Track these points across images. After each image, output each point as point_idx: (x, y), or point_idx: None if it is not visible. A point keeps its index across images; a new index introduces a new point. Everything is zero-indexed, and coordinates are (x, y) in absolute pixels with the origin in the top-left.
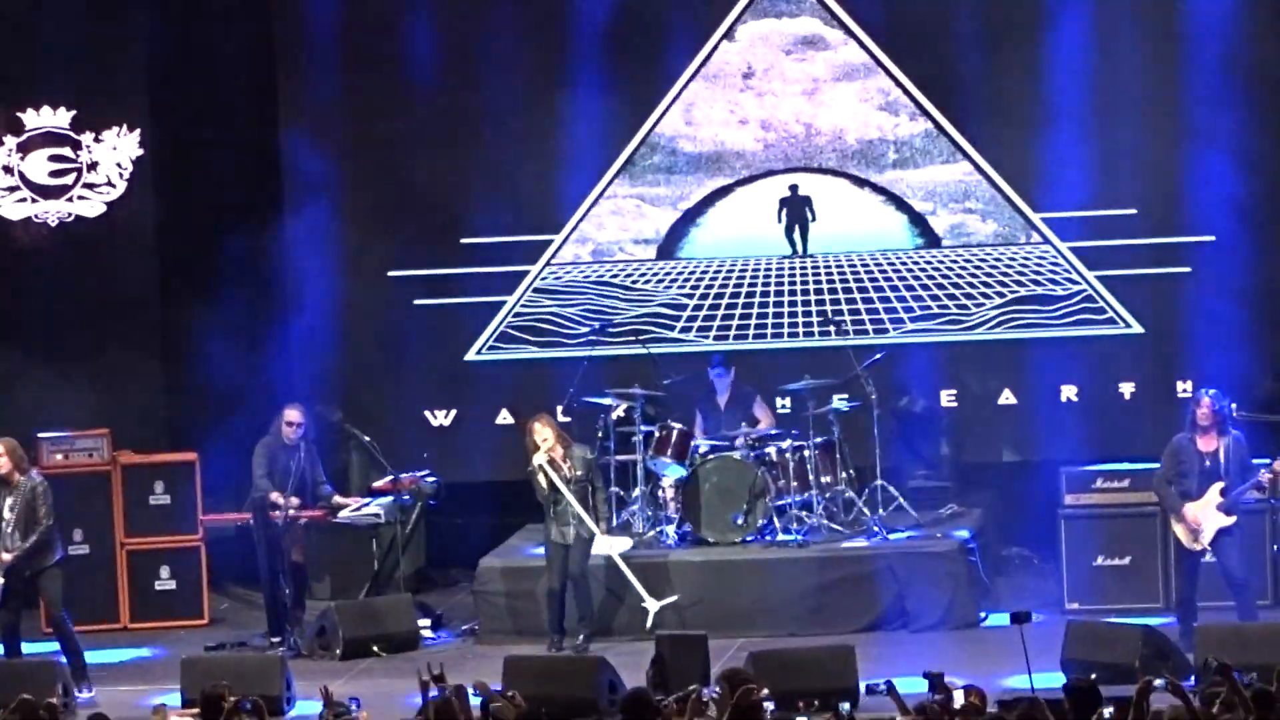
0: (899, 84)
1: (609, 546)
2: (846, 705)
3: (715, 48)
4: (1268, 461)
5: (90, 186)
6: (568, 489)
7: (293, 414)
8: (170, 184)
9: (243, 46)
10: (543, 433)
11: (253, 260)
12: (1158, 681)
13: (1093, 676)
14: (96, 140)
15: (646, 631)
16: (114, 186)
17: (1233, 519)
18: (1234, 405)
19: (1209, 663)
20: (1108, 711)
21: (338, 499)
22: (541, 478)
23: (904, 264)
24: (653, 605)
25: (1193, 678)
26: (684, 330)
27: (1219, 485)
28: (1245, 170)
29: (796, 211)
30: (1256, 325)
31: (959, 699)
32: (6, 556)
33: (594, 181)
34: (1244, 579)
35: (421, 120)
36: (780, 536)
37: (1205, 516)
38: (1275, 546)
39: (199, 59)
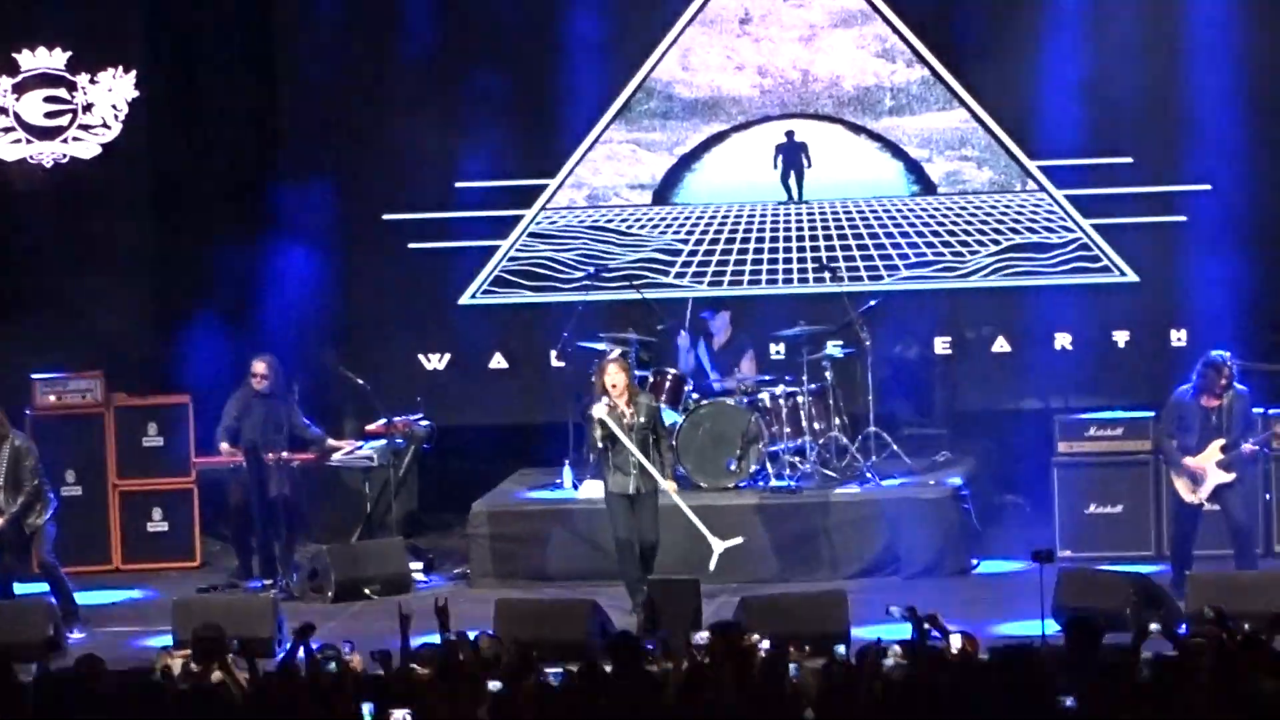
0: (896, 30)
1: (674, 494)
2: (841, 648)
3: None
4: (1262, 411)
5: (85, 128)
6: (628, 437)
7: (258, 365)
8: (166, 126)
9: None
10: (615, 377)
11: (248, 203)
12: (1154, 627)
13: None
14: (92, 82)
15: (710, 574)
16: (109, 128)
17: (1233, 475)
18: (1228, 355)
19: (1205, 611)
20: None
21: (330, 442)
22: (598, 430)
23: (899, 211)
24: (719, 546)
25: (1184, 625)
26: (679, 276)
27: (1219, 442)
28: (1242, 119)
29: (792, 158)
30: (1252, 275)
31: (955, 643)
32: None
33: (590, 126)
34: (1249, 528)
35: (417, 62)
36: (773, 482)
37: (1206, 471)
38: (1269, 495)
39: (196, 2)
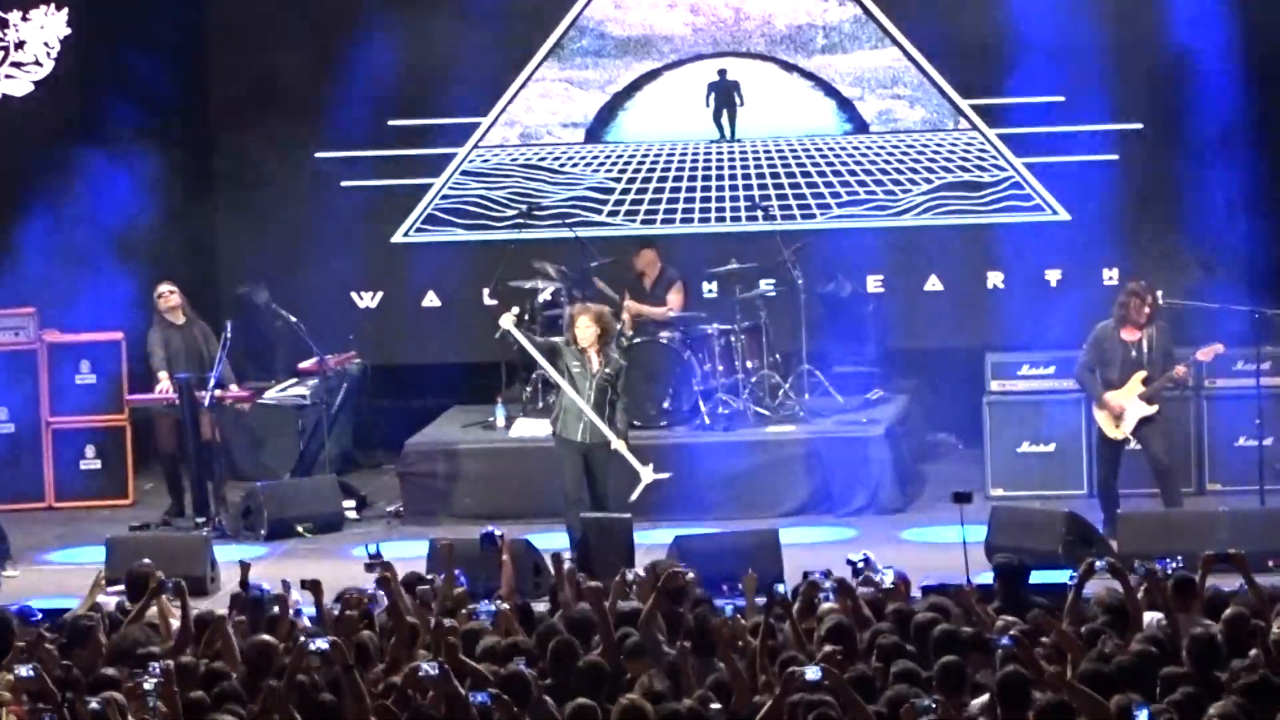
0: None
1: (623, 450)
2: (781, 587)
3: None
4: (1191, 352)
5: (18, 65)
6: (589, 384)
7: (168, 290)
8: (98, 63)
9: None
10: (584, 330)
11: (180, 140)
12: (1099, 564)
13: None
14: (24, 19)
15: (630, 502)
16: (41, 65)
17: (1155, 408)
18: (1159, 293)
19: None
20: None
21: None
22: (511, 338)
23: (832, 150)
24: (646, 476)
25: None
26: (611, 214)
27: (1141, 374)
28: (1173, 59)
29: (725, 96)
30: (1182, 213)
31: (889, 580)
32: None
33: (522, 65)
34: (1168, 465)
35: (351, 1)
36: (705, 421)
37: (1128, 405)
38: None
39: None
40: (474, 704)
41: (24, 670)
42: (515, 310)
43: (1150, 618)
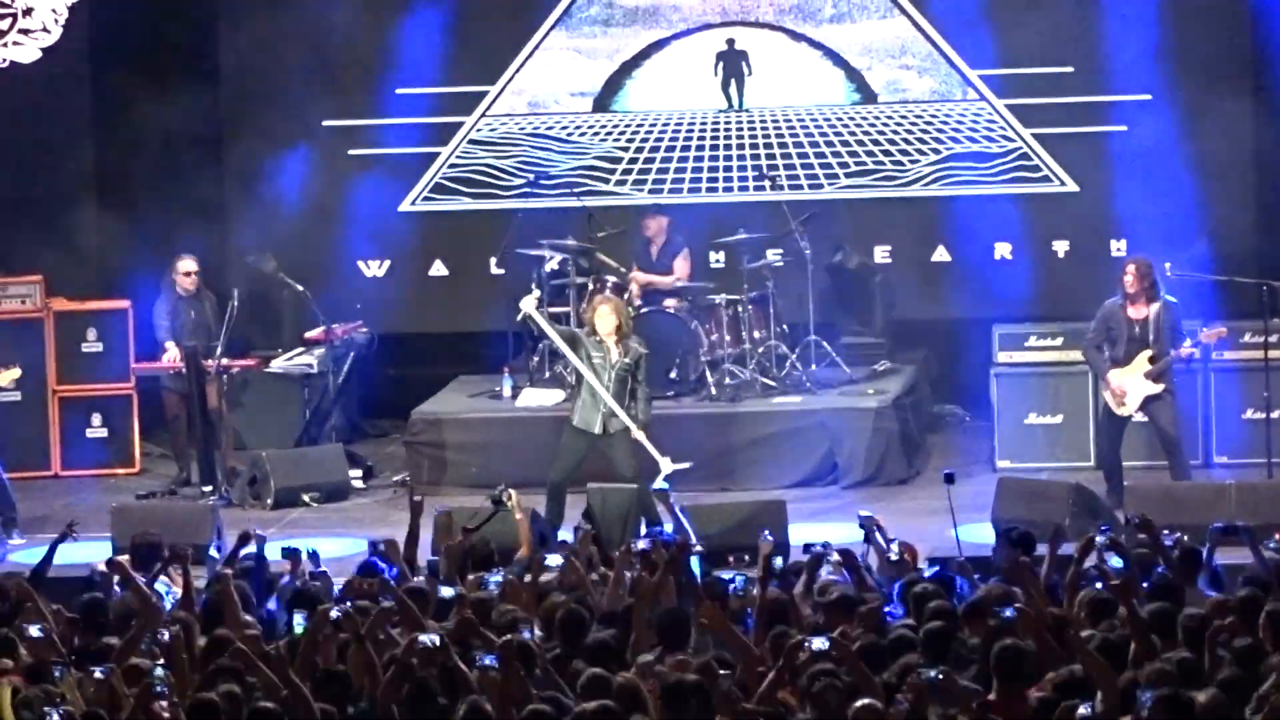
0: None
1: (642, 439)
2: (780, 560)
3: None
4: (1199, 324)
5: (25, 32)
6: (609, 375)
7: (188, 264)
8: (105, 30)
9: None
10: (604, 320)
11: (188, 107)
12: (1099, 538)
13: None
14: None
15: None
16: (49, 32)
17: (1161, 386)
18: (1168, 265)
19: (1129, 519)
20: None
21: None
22: (532, 322)
23: (840, 120)
24: (666, 467)
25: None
26: (619, 183)
27: (1147, 353)
28: (1181, 30)
29: (733, 66)
30: (1190, 185)
31: (894, 550)
32: None
33: (531, 33)
34: (1176, 438)
35: None
36: (713, 391)
37: (1132, 384)
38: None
39: None
40: (480, 665)
41: (34, 630)
42: (536, 293)
43: None
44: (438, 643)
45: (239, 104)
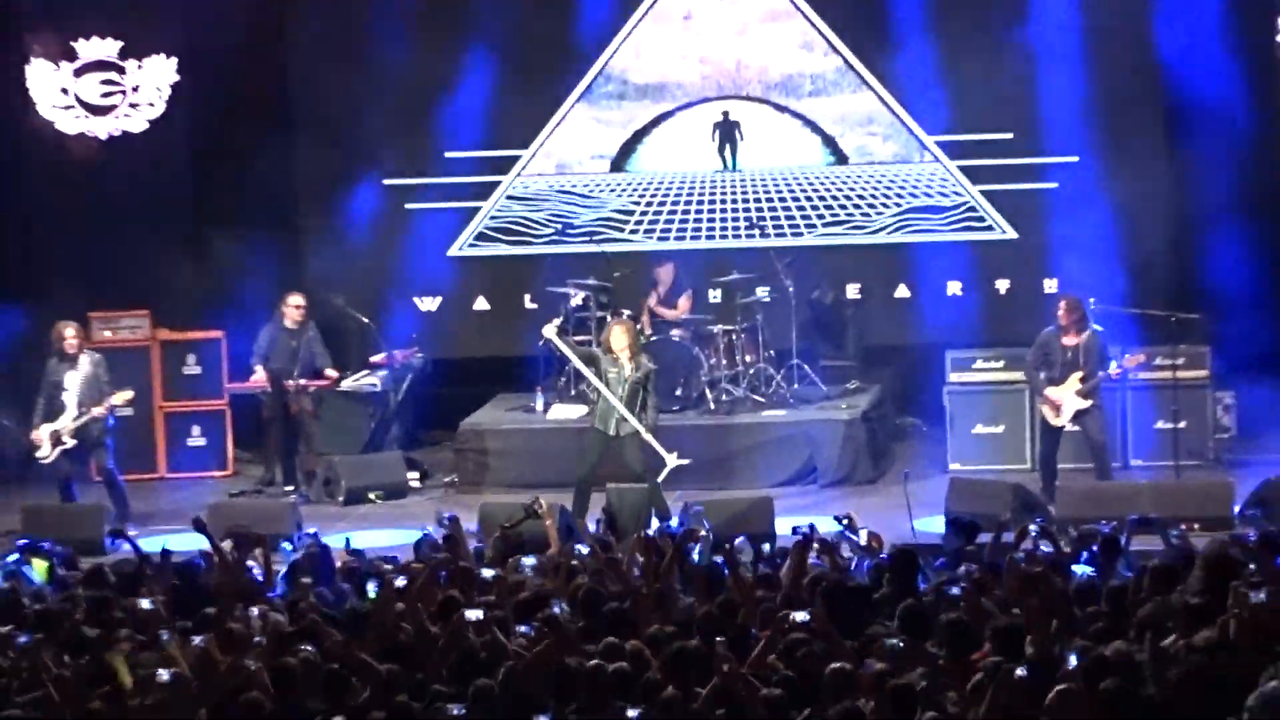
0: (815, 26)
1: (648, 436)
2: (767, 546)
3: None
4: (1119, 349)
5: (134, 106)
6: (622, 388)
7: (297, 299)
8: (202, 103)
9: None
10: (616, 338)
11: (271, 169)
12: (1032, 528)
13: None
14: (139, 67)
15: (659, 484)
16: (154, 106)
17: (1090, 402)
18: (1092, 300)
19: (1069, 527)
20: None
21: (328, 372)
22: (553, 345)
23: (817, 178)
24: (671, 461)
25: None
26: (632, 232)
27: (1078, 374)
28: (1102, 103)
29: (727, 133)
30: (1112, 231)
31: (863, 538)
32: (70, 425)
33: (557, 106)
34: (1101, 444)
35: (412, 53)
36: (711, 406)
37: (1066, 400)
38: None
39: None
40: (517, 635)
41: (145, 604)
42: (557, 321)
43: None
44: (481, 617)
45: (314, 167)
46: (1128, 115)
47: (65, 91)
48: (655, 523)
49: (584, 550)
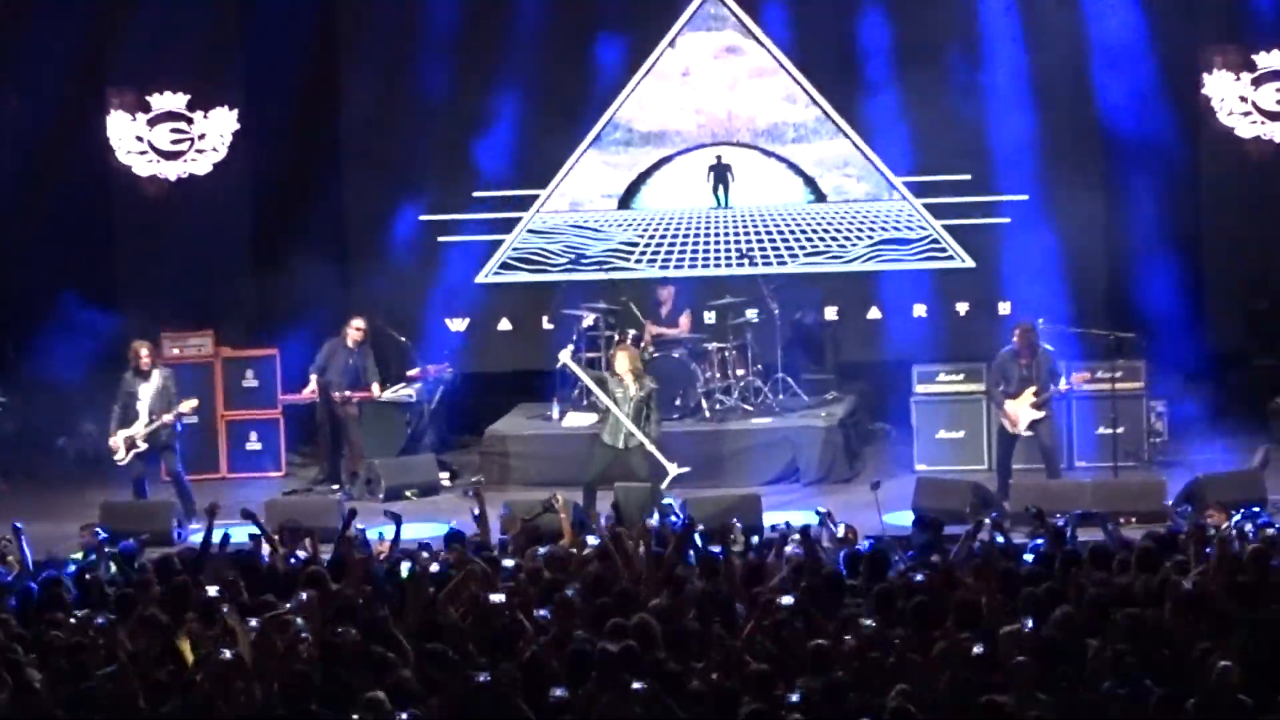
0: (797, 81)
1: (650, 446)
2: (755, 538)
3: (662, 54)
4: (1065, 368)
5: (200, 151)
6: (628, 405)
7: (359, 321)
8: (260, 148)
9: (313, 50)
10: (620, 361)
11: (322, 206)
12: (986, 521)
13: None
14: (205, 117)
15: (662, 490)
16: (218, 151)
17: (1043, 413)
18: (1040, 320)
19: (1027, 509)
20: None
21: (374, 387)
22: (569, 369)
23: (799, 214)
24: (673, 470)
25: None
26: (637, 261)
27: (1032, 389)
28: (1050, 148)
29: (720, 175)
30: (1057, 260)
31: (841, 530)
32: (142, 431)
33: (571, 151)
34: (1051, 448)
35: (448, 104)
36: (706, 414)
37: (1020, 411)
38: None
39: (282, 58)
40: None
41: (212, 590)
42: (570, 348)
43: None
44: (504, 600)
45: (361, 204)
46: (1071, 157)
47: (140, 139)
48: (656, 517)
49: (594, 541)
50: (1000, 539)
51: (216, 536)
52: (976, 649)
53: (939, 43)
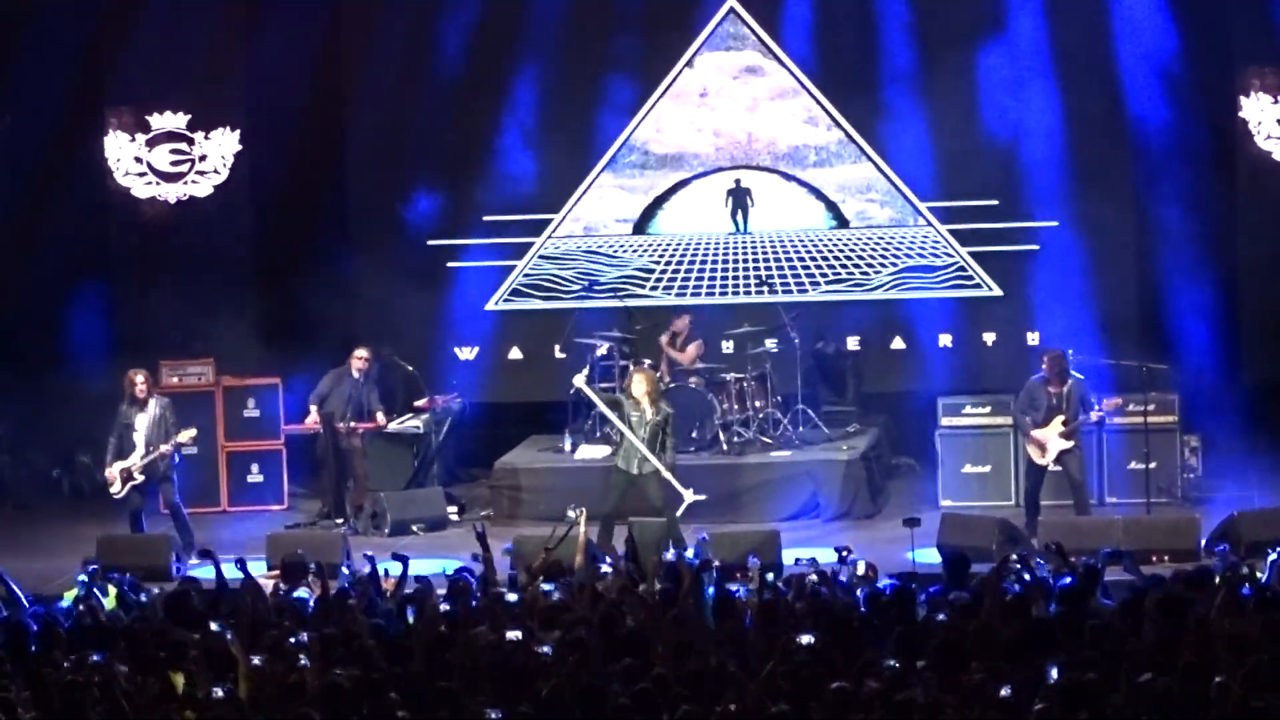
0: (819, 103)
1: (665, 471)
2: (771, 575)
3: (679, 74)
4: (1095, 396)
5: (201, 173)
6: (643, 429)
7: (363, 352)
8: (262, 171)
9: (317, 68)
10: (636, 385)
11: (325, 230)
12: (1013, 558)
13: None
14: (206, 138)
15: (678, 518)
16: (219, 173)
17: (1072, 443)
18: (1070, 351)
19: (1049, 545)
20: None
21: (379, 417)
22: (584, 393)
23: (820, 240)
24: (688, 497)
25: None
26: (652, 289)
27: (1061, 418)
28: (1080, 173)
29: (739, 199)
30: (1089, 289)
31: (860, 568)
32: (138, 463)
33: (585, 174)
34: (1080, 483)
35: (455, 125)
36: (724, 447)
37: (1049, 441)
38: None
39: (285, 78)
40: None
41: (215, 625)
42: (585, 371)
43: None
44: (520, 637)
45: (365, 229)
46: (1102, 182)
47: (139, 160)
48: (671, 551)
49: (607, 571)
50: (1028, 576)
51: (208, 573)
52: (1004, 692)
53: (966, 64)
